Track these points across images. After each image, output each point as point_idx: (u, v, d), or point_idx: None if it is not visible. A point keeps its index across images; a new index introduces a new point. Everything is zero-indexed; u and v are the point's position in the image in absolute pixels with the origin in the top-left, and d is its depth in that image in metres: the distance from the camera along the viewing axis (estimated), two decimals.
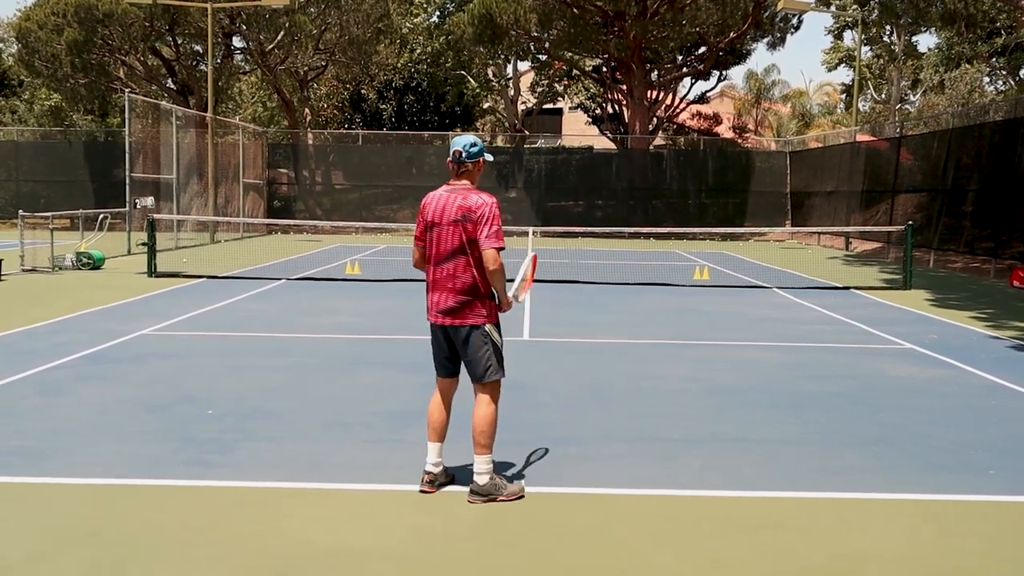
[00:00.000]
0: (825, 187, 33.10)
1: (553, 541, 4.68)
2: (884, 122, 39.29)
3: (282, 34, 36.35)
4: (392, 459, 6.01)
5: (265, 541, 4.61)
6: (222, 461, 5.92)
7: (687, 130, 47.08)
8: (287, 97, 41.42)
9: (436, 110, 47.07)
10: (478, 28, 35.53)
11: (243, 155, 33.06)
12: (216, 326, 11.53)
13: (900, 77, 48.75)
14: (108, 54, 36.79)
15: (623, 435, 6.69)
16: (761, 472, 5.87)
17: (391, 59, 43.86)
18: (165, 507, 5.07)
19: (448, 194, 5.29)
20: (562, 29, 35.59)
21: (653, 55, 38.82)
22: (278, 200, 37.87)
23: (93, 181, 36.51)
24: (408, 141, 40.32)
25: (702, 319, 12.88)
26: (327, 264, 20.71)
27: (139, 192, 24.02)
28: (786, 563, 4.45)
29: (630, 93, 38.52)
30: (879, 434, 6.82)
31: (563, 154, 40.93)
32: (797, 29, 40.76)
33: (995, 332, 12.05)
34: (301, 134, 40.78)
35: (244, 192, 33.12)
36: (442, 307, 5.29)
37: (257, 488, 5.41)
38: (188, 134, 29.07)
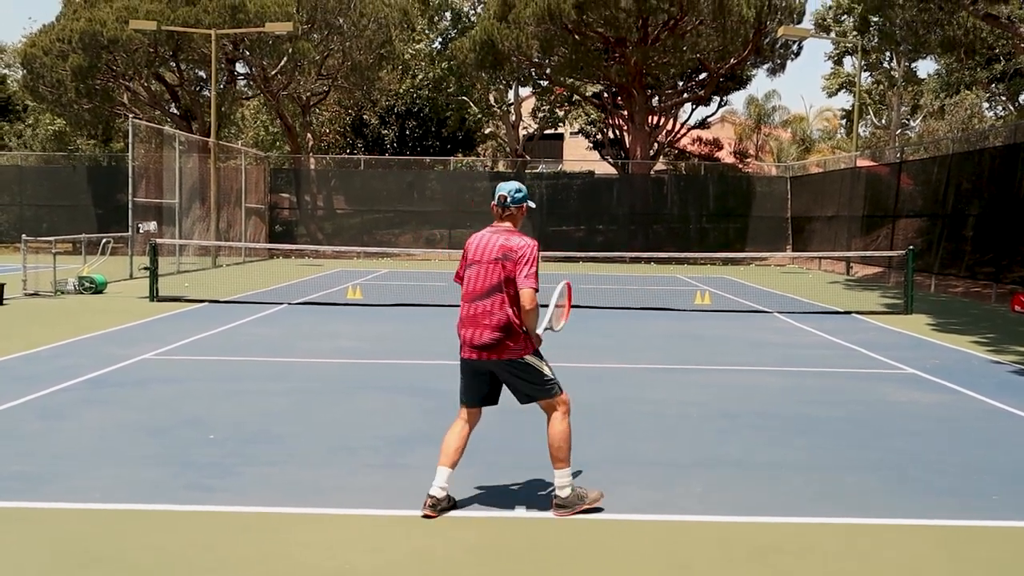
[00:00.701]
0: (826, 212, 33.16)
1: (555, 566, 4.67)
2: (884, 147, 39.46)
3: (285, 60, 36.58)
4: (394, 483, 6.00)
5: (268, 566, 4.60)
6: (223, 485, 5.91)
7: (688, 155, 47.25)
8: (289, 122, 41.62)
9: (438, 135, 47.26)
10: (480, 54, 35.76)
11: (245, 180, 33.18)
12: (218, 351, 11.54)
13: (900, 103, 48.98)
14: (112, 80, 37.00)
15: (624, 460, 6.68)
16: (764, 497, 5.85)
17: (393, 84, 44.10)
18: (166, 532, 5.06)
19: (491, 235, 5.50)
20: (563, 55, 35.79)
21: (654, 81, 39.01)
22: (280, 225, 37.95)
23: (96, 205, 36.62)
24: (410, 166, 40.46)
25: (703, 344, 12.88)
26: (328, 289, 20.73)
27: (142, 217, 24.09)
28: None
29: (631, 118, 38.68)
30: (881, 459, 6.80)
31: (564, 179, 41.05)
32: (797, 55, 40.93)
33: (996, 357, 12.04)
34: (303, 159, 40.94)
35: (246, 217, 33.20)
36: (477, 343, 5.40)
37: (259, 513, 5.40)
38: (191, 159, 29.19)
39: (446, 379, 9.70)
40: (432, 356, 11.25)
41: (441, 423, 7.70)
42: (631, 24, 33.79)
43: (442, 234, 37.55)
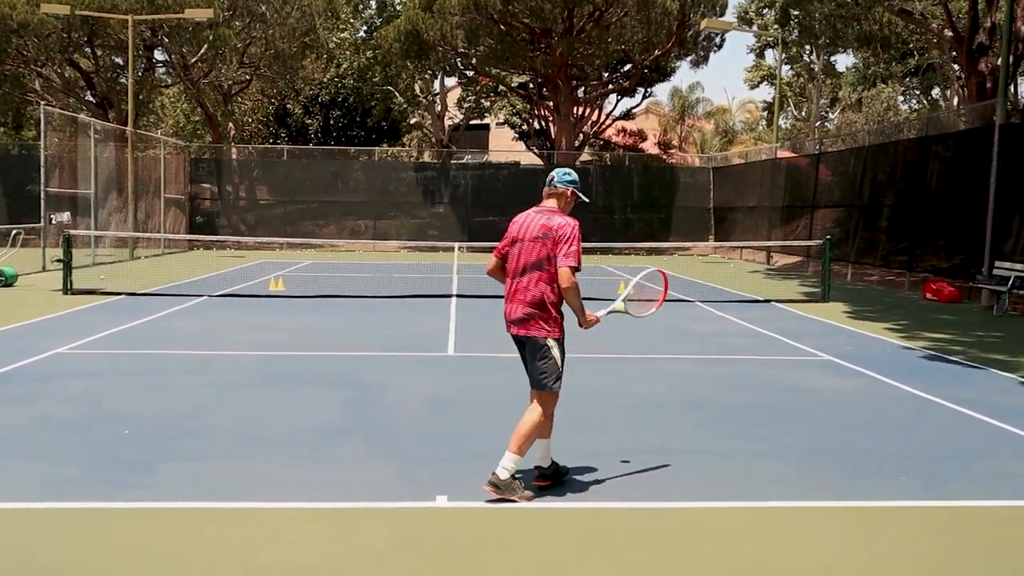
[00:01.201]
0: (747, 202, 33.75)
1: (477, 556, 4.68)
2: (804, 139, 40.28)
3: (205, 47, 35.87)
4: (316, 476, 5.95)
5: (185, 562, 4.53)
6: (142, 481, 5.79)
7: (613, 146, 47.64)
8: (210, 111, 40.84)
9: (362, 125, 46.86)
10: (405, 43, 35.54)
11: (164, 170, 32.47)
12: (136, 344, 11.29)
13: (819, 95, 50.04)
14: (23, 65, 35.87)
15: (553, 450, 6.70)
16: (688, 483, 5.94)
17: (317, 74, 43.60)
18: (83, 529, 4.95)
19: (535, 214, 5.70)
20: (489, 46, 35.77)
21: (579, 72, 39.21)
22: (201, 215, 37.24)
23: (6, 195, 35.41)
24: (334, 156, 40.03)
25: (627, 333, 12.98)
26: (251, 280, 20.44)
27: (55, 207, 23.42)
28: (713, 572, 4.51)
29: (556, 109, 38.84)
30: (799, 443, 6.96)
31: (490, 169, 41.04)
32: (720, 48, 41.64)
33: (908, 343, 12.40)
34: (225, 149, 40.22)
35: (165, 207, 32.51)
36: (512, 317, 5.65)
37: (178, 508, 5.31)
38: (107, 148, 28.46)
39: (369, 371, 9.65)
40: (355, 348, 11.18)
41: (364, 415, 7.68)
42: (556, 15, 33.90)
43: (367, 225, 37.26)
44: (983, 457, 6.71)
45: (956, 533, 5.15)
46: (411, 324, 13.47)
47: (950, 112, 33.23)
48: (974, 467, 6.45)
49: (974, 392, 9.03)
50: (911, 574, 4.56)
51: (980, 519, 5.41)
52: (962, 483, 6.08)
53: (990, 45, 22.62)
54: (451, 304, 16.03)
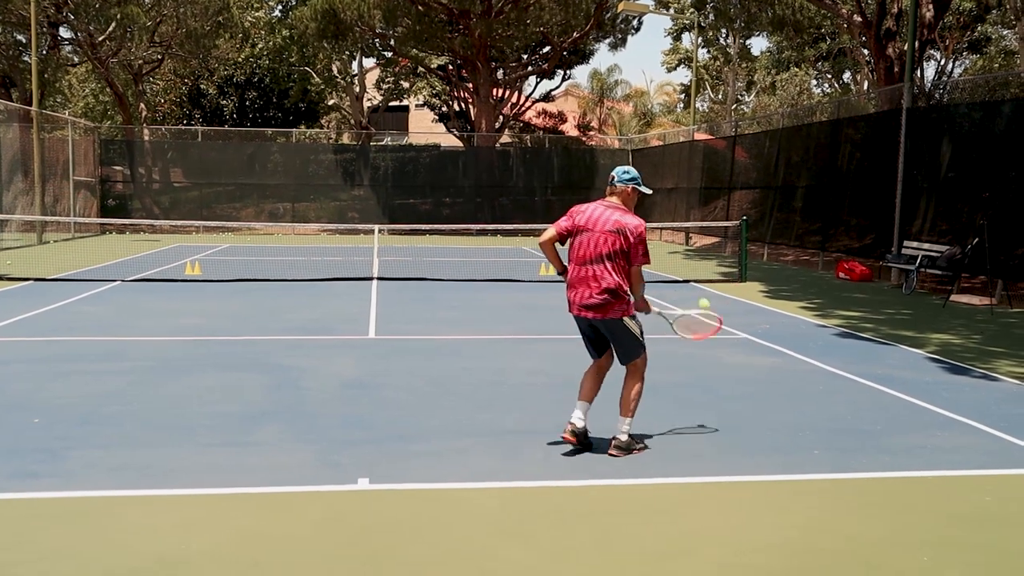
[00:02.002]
0: (666, 184, 34.15)
1: (398, 537, 4.66)
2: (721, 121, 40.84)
3: (113, 25, 34.81)
4: (235, 461, 5.86)
5: (95, 552, 4.42)
6: (50, 471, 5.63)
7: (533, 128, 47.70)
8: (120, 91, 39.69)
9: (279, 106, 46.08)
10: (321, 23, 34.99)
11: (73, 151, 31.51)
12: (45, 330, 10.96)
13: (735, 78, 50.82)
14: None
15: (468, 430, 6.72)
16: (603, 461, 6.00)
17: (231, 53, 42.69)
18: None
19: (604, 208, 6.14)
20: (407, 26, 35.43)
21: (498, 54, 39.13)
22: (113, 199, 36.24)
23: None
24: (251, 138, 39.30)
25: (548, 314, 13.06)
26: (166, 264, 19.99)
27: None
28: (628, 548, 4.57)
29: (476, 91, 38.71)
30: (716, 420, 7.08)
31: (410, 152, 40.79)
32: (637, 31, 41.98)
33: (822, 321, 12.71)
34: (136, 130, 39.18)
35: (75, 190, 31.57)
36: (585, 302, 6.06)
37: (88, 497, 5.18)
38: (11, 129, 27.48)
39: (289, 355, 9.54)
40: (275, 332, 11.02)
41: (284, 399, 7.58)
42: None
43: (285, 207, 36.72)
44: (894, 431, 6.91)
45: (868, 505, 5.30)
46: (332, 307, 13.33)
47: (860, 96, 34.04)
48: (885, 440, 6.64)
49: (885, 368, 9.30)
50: (824, 546, 4.68)
51: (891, 490, 5.58)
52: (873, 455, 6.26)
53: (897, 30, 23.22)
54: (372, 287, 15.91)
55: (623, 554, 4.49)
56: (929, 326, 12.41)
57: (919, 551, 4.61)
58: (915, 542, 4.73)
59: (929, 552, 4.60)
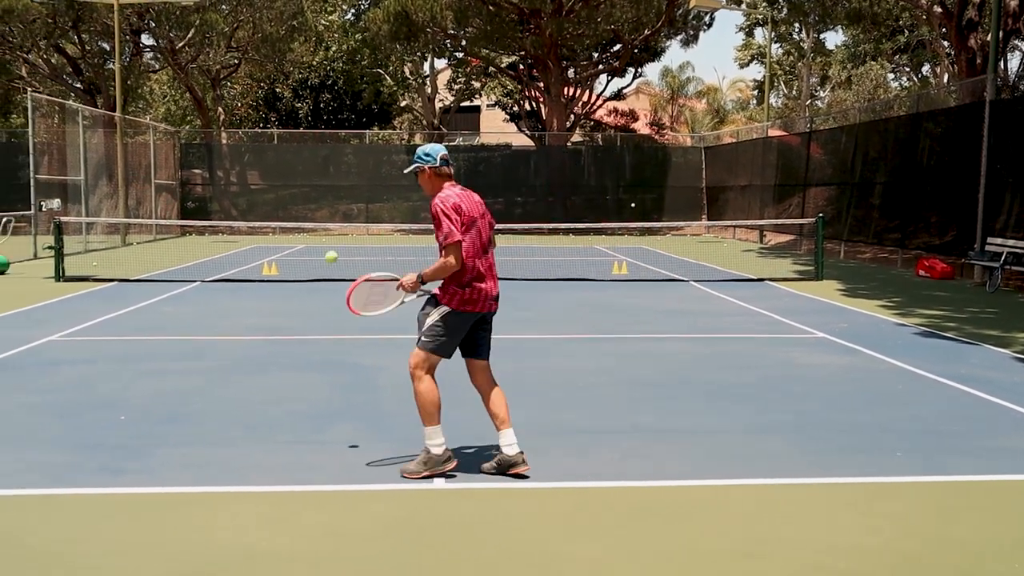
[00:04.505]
0: (739, 181, 33.73)
1: (472, 537, 4.67)
2: (795, 117, 40.22)
3: (193, 32, 35.62)
4: (308, 460, 5.94)
5: (179, 547, 4.51)
6: (135, 467, 5.78)
7: (604, 127, 47.53)
8: (199, 96, 40.61)
9: (353, 108, 46.65)
10: (394, 25, 35.33)
11: (154, 155, 32.30)
12: (129, 330, 11.25)
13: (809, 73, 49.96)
14: (9, 52, 35.61)
15: (541, 429, 6.71)
16: (680, 461, 5.95)
17: (306, 57, 43.35)
18: (77, 516, 4.93)
19: (466, 191, 5.72)
20: (478, 26, 35.59)
21: (569, 52, 39.07)
22: (192, 201, 37.08)
23: None
24: (324, 140, 39.87)
25: (620, 313, 13.00)
26: (244, 265, 20.37)
27: (45, 194, 23.29)
28: (705, 550, 4.51)
29: (547, 90, 38.70)
30: (794, 421, 6.97)
31: (482, 152, 40.96)
32: (710, 27, 41.46)
33: (902, 320, 12.42)
34: (215, 133, 40.04)
35: (156, 193, 32.36)
36: (495, 293, 5.63)
37: (170, 493, 5.30)
38: (96, 134, 28.28)
39: (363, 354, 9.64)
40: (349, 331, 11.15)
41: (358, 398, 7.66)
42: None
43: (359, 208, 37.17)
44: (979, 432, 6.72)
45: (955, 508, 5.16)
46: (406, 306, 13.40)
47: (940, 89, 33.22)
48: (970, 442, 6.46)
49: (968, 368, 9.05)
50: (907, 549, 4.57)
51: (978, 494, 5.42)
52: (959, 457, 6.09)
53: (979, 21, 22.58)
54: None
55: (700, 556, 4.44)
56: (1015, 325, 12.04)
57: (1011, 557, 4.47)
58: (1006, 548, 4.59)
59: (1022, 558, 4.46)
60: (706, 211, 37.56)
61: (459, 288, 5.45)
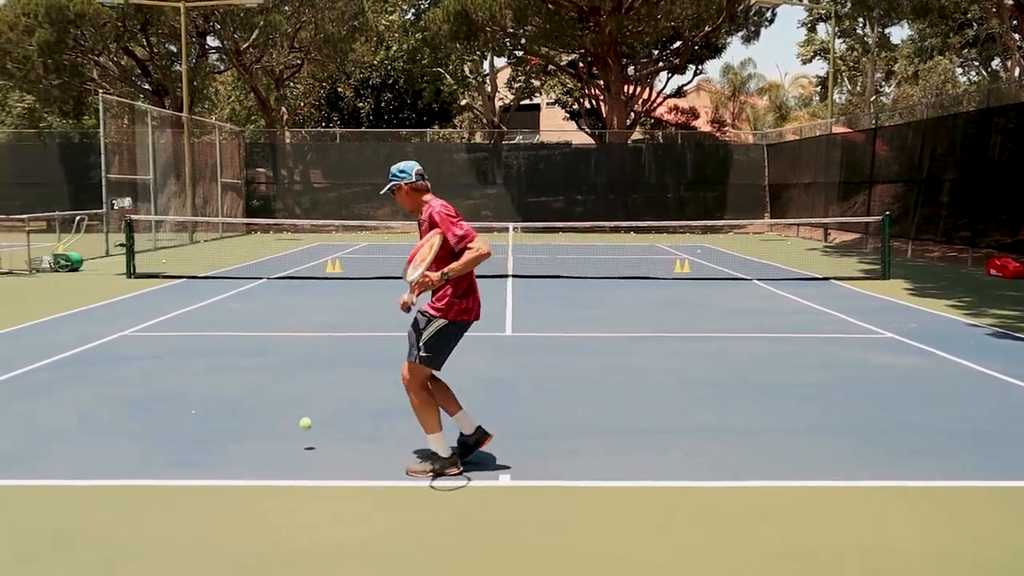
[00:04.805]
0: (803, 179, 33.28)
1: (540, 534, 4.69)
2: (859, 114, 39.56)
3: (257, 33, 36.18)
4: (375, 455, 6.01)
5: (248, 540, 4.60)
6: (205, 461, 5.90)
7: (665, 124, 47.23)
8: (263, 96, 41.22)
9: (413, 107, 46.97)
10: (454, 25, 35.49)
11: (220, 155, 32.88)
12: (197, 326, 11.48)
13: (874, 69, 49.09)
14: (81, 55, 36.50)
15: (608, 428, 6.70)
16: (744, 462, 5.90)
17: (367, 57, 43.76)
18: (149, 507, 5.05)
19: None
20: (538, 25, 35.60)
21: (629, 50, 38.89)
22: (257, 199, 37.69)
23: (69, 183, 36.20)
24: (386, 139, 40.21)
25: (683, 312, 12.92)
26: (307, 263, 20.64)
27: (116, 193, 23.84)
28: (773, 552, 4.47)
29: (607, 88, 38.57)
30: (861, 422, 6.86)
31: (542, 150, 40.96)
32: (771, 23, 40.95)
33: (973, 320, 12.15)
34: (278, 133, 40.62)
35: (222, 192, 32.94)
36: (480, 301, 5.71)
37: (240, 487, 5.39)
38: (164, 134, 28.88)
39: None
40: None
41: None
42: None
43: None
44: None
45: (1018, 513, 5.05)
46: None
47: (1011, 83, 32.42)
48: None
49: None
50: (970, 553, 4.48)
51: None
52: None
53: None
54: (507, 284, 16.05)
55: (768, 558, 4.40)
56: None
57: None
58: None
59: None
60: (768, 209, 37.13)
61: (456, 299, 5.51)
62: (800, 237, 32.62)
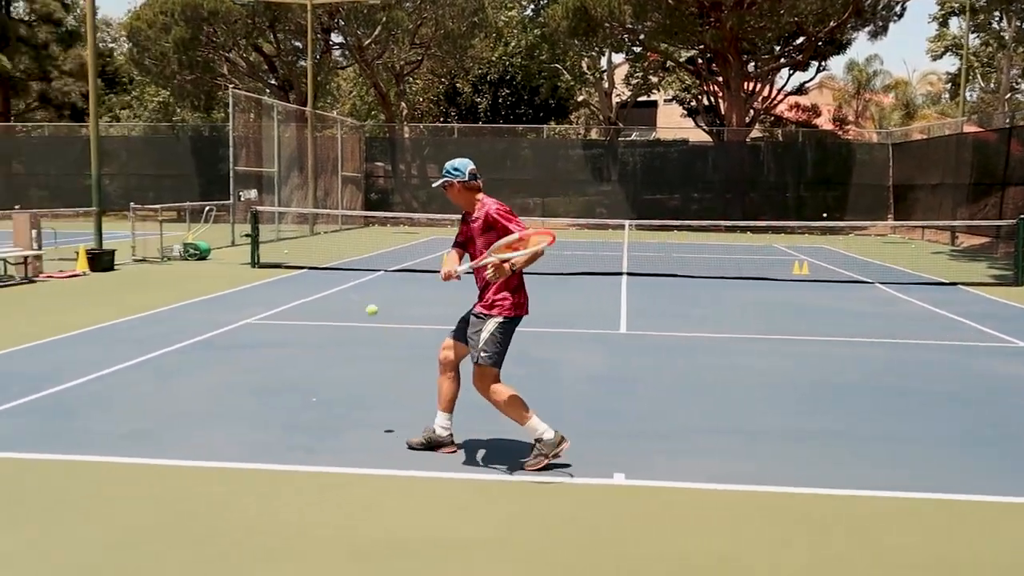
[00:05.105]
0: (930, 180, 32.13)
1: (655, 534, 4.68)
2: (993, 112, 37.96)
3: (379, 29, 36.89)
4: (488, 450, 6.08)
5: (366, 527, 4.72)
6: (325, 447, 6.07)
7: (785, 122, 46.22)
8: (383, 91, 42.01)
9: (530, 103, 47.14)
10: (572, 21, 35.47)
11: (341, 149, 33.67)
12: (317, 316, 11.80)
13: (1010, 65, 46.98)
14: (212, 51, 37.85)
15: (724, 429, 6.64)
16: (863, 470, 5.76)
17: (486, 52, 44.12)
18: (272, 490, 5.23)
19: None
20: (657, 20, 35.29)
21: (750, 46, 38.18)
22: (375, 193, 38.45)
23: (199, 174, 37.61)
24: (502, 134, 40.48)
25: (801, 314, 12.67)
26: (424, 256, 20.96)
27: (242, 185, 24.66)
28: (890, 562, 4.37)
29: (726, 85, 37.98)
30: (988, 434, 6.62)
31: (658, 147, 40.59)
32: (900, 17, 39.56)
33: None
34: (397, 128, 41.33)
35: (342, 185, 33.73)
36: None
37: (357, 474, 5.53)
38: (288, 128, 29.73)
39: (541, 347, 9.76)
40: (527, 323, 11.27)
41: (535, 390, 7.77)
42: None
43: (535, 202, 37.58)
44: None
45: None
46: (582, 301, 13.53)
47: None
48: None
49: None
50: None
51: None
52: None
53: None
54: (621, 282, 16.00)
55: (887, 569, 4.30)
56: None
57: None
58: None
59: None
60: (892, 210, 35.98)
61: (510, 294, 5.70)
62: (925, 240, 31.53)
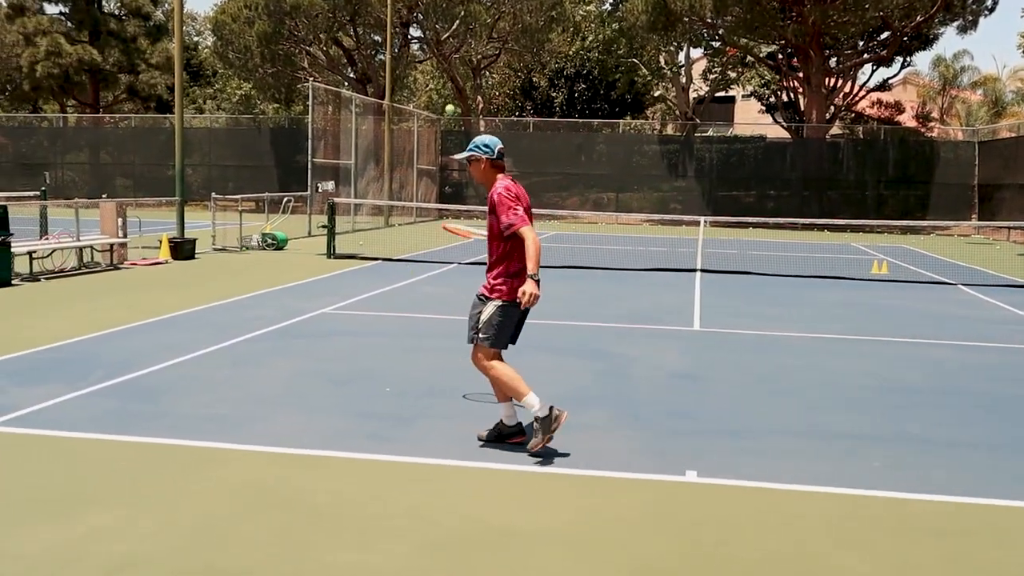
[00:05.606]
0: (1017, 179, 31.18)
1: (727, 534, 4.62)
2: None
3: (457, 23, 37.06)
4: (566, 443, 6.06)
5: (439, 517, 4.74)
6: (400, 436, 6.12)
7: (866, 119, 45.27)
8: (460, 85, 42.20)
9: (606, 98, 46.94)
10: (652, 15, 35.23)
11: (417, 142, 33.93)
12: (392, 306, 11.92)
13: None
14: (294, 45, 38.46)
15: (799, 430, 6.53)
16: (949, 475, 5.61)
17: (563, 47, 44.04)
18: (347, 478, 5.29)
19: (517, 184, 5.90)
20: (737, 15, 34.83)
21: (832, 41, 37.47)
22: (450, 186, 38.68)
23: (278, 166, 38.26)
24: (578, 129, 40.37)
25: (881, 314, 12.40)
26: None
27: (320, 177, 25.03)
28: (977, 572, 4.25)
29: (807, 80, 37.33)
30: None
31: (735, 143, 40.09)
32: (992, 11, 38.38)
33: None
34: (473, 121, 41.49)
35: (418, 177, 33.99)
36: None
37: (433, 464, 5.56)
38: (366, 121, 30.07)
39: (615, 342, 9.73)
40: (601, 319, 11.27)
41: (612, 386, 7.75)
42: None
43: (609, 197, 37.44)
44: None
45: None
46: (656, 297, 13.44)
47: None
48: None
49: None
50: None
51: None
52: None
53: None
54: (695, 278, 15.84)
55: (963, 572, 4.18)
56: None
57: None
58: None
59: None
60: (977, 210, 35.01)
61: (510, 278, 5.63)
62: (1011, 241, 30.60)
